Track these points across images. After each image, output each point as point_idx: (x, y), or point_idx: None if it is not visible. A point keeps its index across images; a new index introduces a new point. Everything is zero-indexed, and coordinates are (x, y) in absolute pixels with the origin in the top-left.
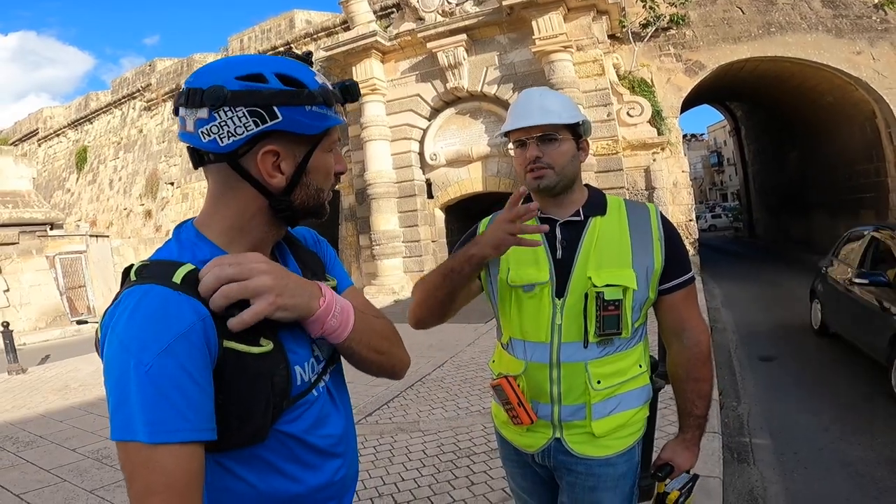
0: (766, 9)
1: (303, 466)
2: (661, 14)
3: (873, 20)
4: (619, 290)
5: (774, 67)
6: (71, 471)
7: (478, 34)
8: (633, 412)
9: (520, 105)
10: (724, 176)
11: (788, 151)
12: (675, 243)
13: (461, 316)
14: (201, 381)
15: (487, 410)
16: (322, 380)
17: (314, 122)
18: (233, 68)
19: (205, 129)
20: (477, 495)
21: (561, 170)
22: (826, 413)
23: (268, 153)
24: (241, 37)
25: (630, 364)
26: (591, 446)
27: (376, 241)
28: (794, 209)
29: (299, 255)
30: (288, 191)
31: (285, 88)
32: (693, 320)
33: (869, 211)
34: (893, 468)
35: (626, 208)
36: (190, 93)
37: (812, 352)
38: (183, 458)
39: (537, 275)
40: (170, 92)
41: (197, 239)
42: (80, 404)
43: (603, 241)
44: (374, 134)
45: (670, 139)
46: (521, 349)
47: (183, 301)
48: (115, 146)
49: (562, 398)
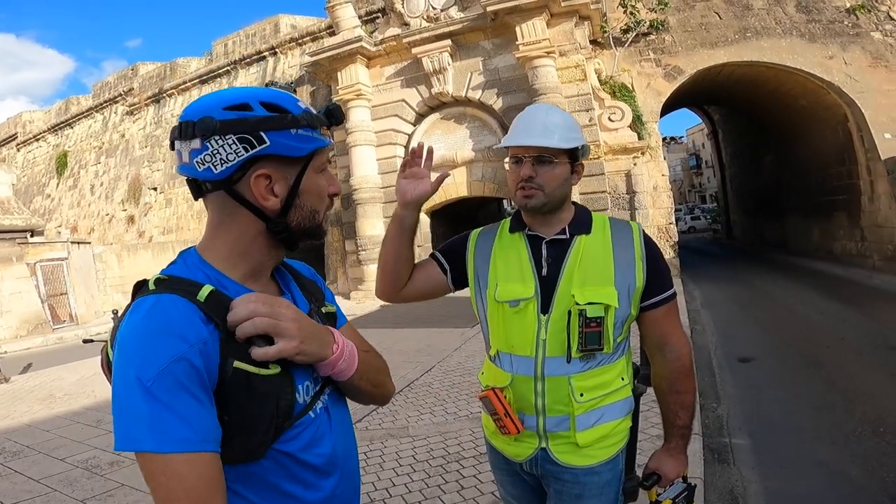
0: (742, 14)
1: (299, 484)
2: (642, 19)
3: (845, 25)
4: (601, 307)
5: (750, 72)
6: (60, 481)
7: (462, 39)
8: (616, 423)
9: (523, 121)
10: (702, 178)
11: (764, 154)
12: (656, 261)
13: (448, 321)
14: (202, 398)
15: (476, 415)
16: (319, 400)
17: (301, 145)
18: (220, 100)
19: (199, 159)
20: (467, 499)
21: (551, 192)
22: (802, 413)
23: (260, 176)
24: (225, 41)
25: (612, 377)
26: (576, 456)
27: (362, 246)
28: (770, 211)
29: (301, 282)
30: (283, 213)
31: (270, 115)
32: (675, 335)
33: (841, 213)
34: (866, 467)
35: (610, 227)
36: (183, 126)
37: (788, 352)
38: (199, 465)
39: (523, 291)
40: (152, 96)
41: (201, 263)
42: (66, 414)
43: (587, 260)
44: (359, 139)
45: (650, 143)
46: (508, 362)
47: (188, 319)
48: (97, 151)
49: (546, 410)
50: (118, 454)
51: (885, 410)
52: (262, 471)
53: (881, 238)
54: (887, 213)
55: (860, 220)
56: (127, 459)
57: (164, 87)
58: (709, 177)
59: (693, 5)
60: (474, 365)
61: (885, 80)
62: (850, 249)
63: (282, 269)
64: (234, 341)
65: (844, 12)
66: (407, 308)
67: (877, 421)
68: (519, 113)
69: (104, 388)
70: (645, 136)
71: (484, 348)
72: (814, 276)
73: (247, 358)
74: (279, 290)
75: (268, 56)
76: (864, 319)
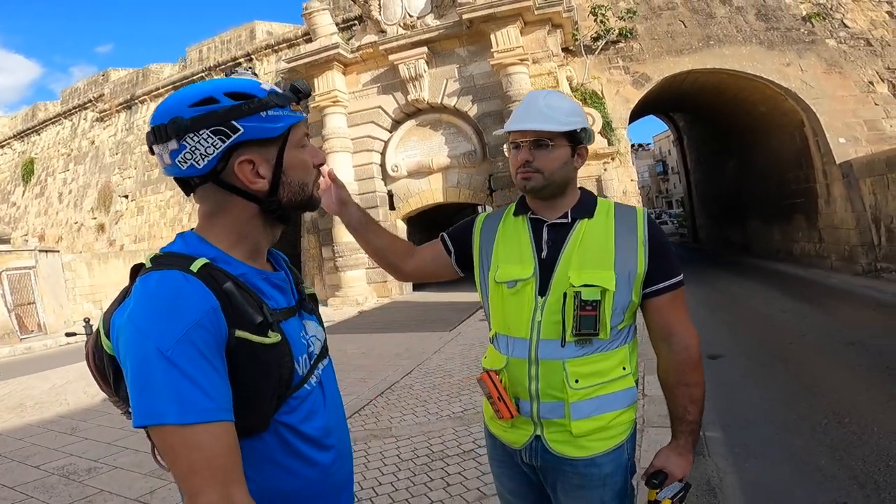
0: (705, 22)
1: (299, 458)
2: (611, 28)
3: (801, 32)
4: (597, 290)
5: (713, 79)
6: (36, 488)
7: (438, 47)
8: (615, 414)
9: (522, 107)
10: (669, 184)
11: (727, 160)
12: (660, 247)
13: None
14: (218, 366)
15: (458, 415)
16: (314, 374)
17: (274, 125)
18: (185, 98)
19: (180, 158)
20: (454, 496)
21: (550, 175)
22: (771, 406)
23: (243, 163)
24: (199, 47)
25: (612, 365)
26: (571, 446)
27: (339, 252)
28: (733, 216)
29: (290, 267)
30: (273, 191)
31: (237, 103)
32: (680, 324)
33: (800, 216)
34: (833, 456)
35: (614, 212)
36: (156, 130)
37: (755, 349)
38: (218, 435)
39: (521, 272)
40: (124, 102)
41: (201, 242)
42: (39, 422)
43: (587, 243)
44: (335, 146)
45: (620, 149)
46: (505, 344)
47: (198, 287)
48: (65, 158)
49: (540, 395)
50: (95, 460)
51: (847, 402)
52: (263, 446)
53: (838, 239)
54: (843, 215)
55: (817, 223)
56: (105, 466)
57: (136, 93)
58: (675, 182)
59: (660, 14)
60: (454, 367)
61: (839, 86)
62: (809, 251)
63: (274, 251)
64: (234, 311)
65: (801, 20)
66: (385, 313)
67: (841, 412)
68: (519, 104)
69: (77, 397)
70: (614, 142)
71: (463, 351)
72: (776, 277)
73: (248, 327)
74: (273, 268)
75: (243, 62)
76: (824, 317)
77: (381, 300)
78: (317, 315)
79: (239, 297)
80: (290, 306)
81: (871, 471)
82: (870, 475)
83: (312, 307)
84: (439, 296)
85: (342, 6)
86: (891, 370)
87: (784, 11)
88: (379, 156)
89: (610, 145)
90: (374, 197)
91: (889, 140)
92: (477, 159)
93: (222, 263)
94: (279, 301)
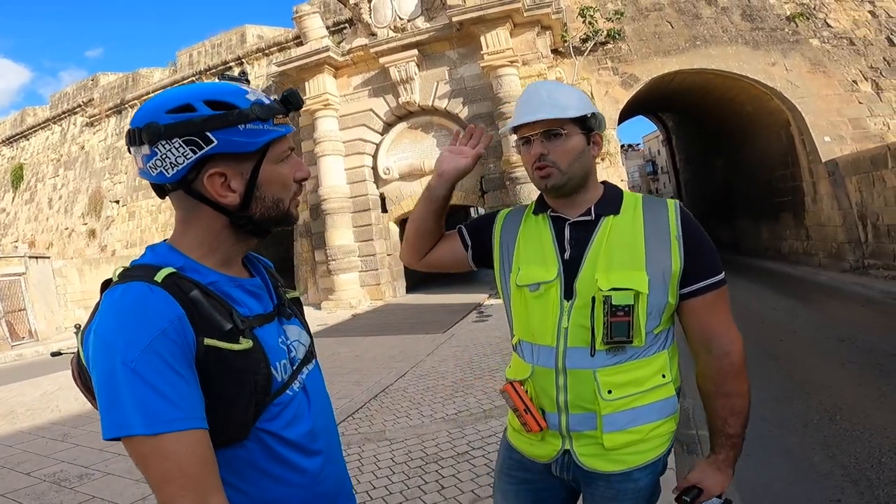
0: (692, 23)
1: (285, 465)
2: (600, 29)
3: (786, 32)
4: (630, 294)
5: (700, 79)
6: (27, 495)
7: (429, 49)
8: (653, 426)
9: (524, 99)
10: (658, 183)
11: (715, 159)
12: (697, 242)
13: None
14: (186, 375)
15: (451, 417)
16: (297, 380)
17: (251, 140)
18: (164, 103)
19: (151, 164)
20: (448, 498)
21: (568, 167)
22: (765, 403)
23: (213, 175)
24: (190, 51)
25: (650, 373)
26: (603, 460)
27: (332, 255)
28: (722, 214)
29: (270, 272)
30: (245, 206)
31: (214, 113)
32: (722, 327)
33: (788, 214)
34: (827, 453)
35: (642, 206)
36: (132, 133)
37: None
38: (189, 443)
39: (544, 274)
40: (114, 107)
41: (170, 252)
42: (30, 429)
43: (614, 242)
44: (327, 149)
45: (610, 150)
46: (529, 352)
47: (161, 297)
48: (55, 163)
49: (569, 407)
50: (87, 467)
51: (839, 399)
52: (247, 454)
53: (825, 237)
54: (829, 212)
55: (805, 220)
56: (97, 472)
57: (126, 97)
58: (664, 182)
59: (647, 15)
60: (447, 369)
61: (824, 85)
62: (797, 248)
63: (250, 256)
64: (201, 319)
65: (785, 20)
66: (378, 316)
67: (833, 409)
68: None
69: (69, 403)
70: (604, 142)
71: (457, 353)
72: (766, 275)
73: (216, 335)
74: (250, 275)
75: (234, 66)
76: (815, 314)
77: (375, 303)
78: (300, 319)
79: (206, 304)
80: (266, 312)
81: (863, 468)
82: (863, 472)
83: (294, 311)
84: (432, 298)
85: (333, 9)
86: (881, 367)
87: (769, 11)
88: (371, 158)
89: None
90: (367, 200)
91: (873, 138)
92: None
93: (191, 272)
94: (253, 307)
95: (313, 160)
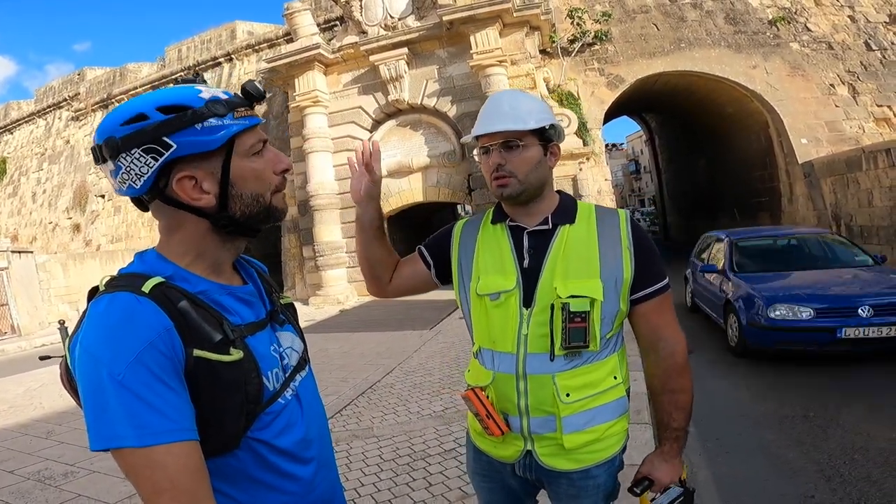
0: (677, 25)
1: (277, 473)
2: (587, 30)
3: (767, 36)
4: (586, 301)
5: (684, 81)
6: (12, 493)
7: (419, 48)
8: (608, 426)
9: (487, 109)
10: (641, 182)
11: (697, 159)
12: (645, 250)
13: (406, 324)
14: (175, 386)
15: (439, 414)
16: (289, 388)
17: (210, 137)
18: (119, 116)
19: (119, 179)
20: (436, 495)
21: (525, 177)
22: (742, 400)
23: (182, 179)
24: (179, 46)
25: (602, 376)
26: (563, 459)
27: (320, 251)
28: (703, 213)
29: (264, 277)
30: (223, 206)
31: (168, 117)
32: (668, 329)
33: (765, 213)
34: (801, 449)
35: (595, 216)
36: (94, 151)
37: (724, 344)
38: (180, 455)
39: (503, 283)
40: (101, 101)
41: (159, 260)
42: (13, 426)
43: (570, 251)
44: (316, 146)
45: (595, 149)
46: (490, 359)
47: (149, 308)
48: (39, 157)
49: (530, 410)
50: (72, 464)
51: (810, 397)
52: (238, 462)
53: None
54: (805, 213)
55: (781, 220)
56: (82, 470)
57: (113, 92)
58: (647, 181)
59: (633, 17)
60: (434, 365)
61: (802, 88)
62: None
63: (242, 261)
64: (190, 330)
65: (767, 24)
66: (365, 312)
67: (806, 406)
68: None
69: (53, 400)
70: (589, 142)
71: (444, 349)
72: None
73: (206, 346)
74: (242, 280)
75: (224, 62)
76: None
77: (362, 299)
78: (293, 325)
79: (195, 315)
80: (258, 320)
81: (836, 464)
82: (836, 468)
83: (288, 318)
84: (419, 294)
85: (324, 7)
86: (852, 364)
87: (751, 15)
88: None
89: (585, 145)
90: None
91: (848, 141)
92: (456, 159)
93: (180, 281)
94: (245, 316)
95: (302, 156)
